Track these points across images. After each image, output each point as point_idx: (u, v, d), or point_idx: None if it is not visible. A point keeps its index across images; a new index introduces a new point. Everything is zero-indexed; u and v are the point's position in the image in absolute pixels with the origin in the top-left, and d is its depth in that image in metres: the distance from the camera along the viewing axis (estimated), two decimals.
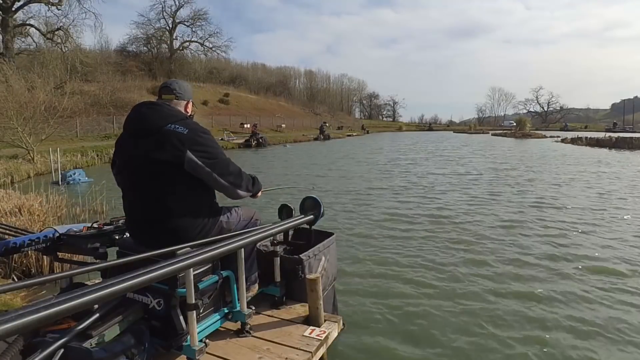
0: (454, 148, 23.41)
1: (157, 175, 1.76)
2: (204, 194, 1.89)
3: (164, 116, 1.80)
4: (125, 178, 1.91)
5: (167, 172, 1.76)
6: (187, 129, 1.78)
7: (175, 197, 1.78)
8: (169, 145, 1.73)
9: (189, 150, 1.74)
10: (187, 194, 1.81)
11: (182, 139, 1.75)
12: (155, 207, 1.80)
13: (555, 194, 8.28)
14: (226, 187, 1.89)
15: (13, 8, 27.97)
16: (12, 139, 13.10)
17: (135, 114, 1.86)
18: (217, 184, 1.86)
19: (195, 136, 1.78)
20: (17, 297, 2.95)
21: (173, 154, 1.73)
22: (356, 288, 3.65)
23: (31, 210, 4.83)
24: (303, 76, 67.09)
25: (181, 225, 1.80)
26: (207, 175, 1.80)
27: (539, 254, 4.54)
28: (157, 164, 1.74)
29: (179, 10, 45.98)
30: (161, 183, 1.77)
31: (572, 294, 3.50)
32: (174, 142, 1.73)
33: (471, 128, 60.15)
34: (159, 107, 1.86)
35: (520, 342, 2.77)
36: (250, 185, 2.01)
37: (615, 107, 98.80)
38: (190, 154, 1.74)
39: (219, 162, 1.84)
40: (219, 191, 1.92)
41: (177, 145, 1.73)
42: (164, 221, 1.79)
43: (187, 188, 1.80)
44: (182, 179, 1.78)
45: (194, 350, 1.68)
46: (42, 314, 1.01)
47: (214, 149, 1.84)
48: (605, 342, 2.78)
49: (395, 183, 10.05)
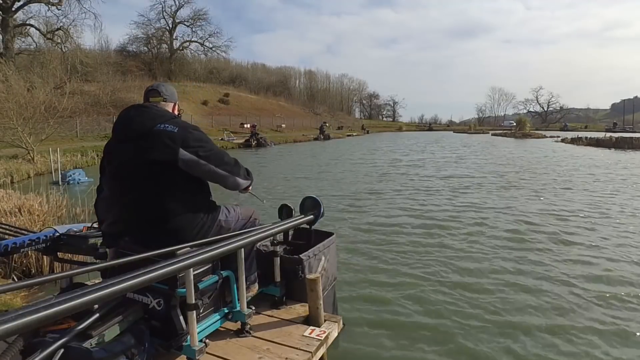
0: (454, 149, 23.37)
1: (152, 176, 1.75)
2: (200, 193, 1.89)
3: (152, 117, 1.80)
4: (118, 183, 1.86)
5: (161, 172, 1.74)
6: (177, 127, 1.77)
7: (173, 198, 1.77)
8: (161, 145, 1.72)
9: (181, 148, 1.73)
10: (183, 194, 1.80)
11: (173, 137, 1.74)
12: (153, 208, 1.78)
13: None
14: (225, 176, 1.88)
15: (13, 8, 28.00)
16: (12, 139, 13.11)
17: (124, 118, 1.85)
18: (216, 175, 1.85)
19: (186, 133, 1.77)
20: (17, 297, 2.95)
21: (166, 153, 1.72)
22: (356, 288, 3.65)
23: (31, 210, 4.83)
24: (303, 76, 67.18)
25: (180, 225, 1.79)
26: (203, 168, 1.79)
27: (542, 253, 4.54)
28: (150, 164, 1.73)
29: (179, 10, 46.17)
30: (157, 184, 1.75)
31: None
32: (165, 141, 1.72)
33: (471, 128, 60.14)
34: (147, 108, 1.85)
35: (522, 342, 2.77)
36: (246, 174, 2.02)
37: (615, 107, 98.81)
38: (183, 151, 1.73)
39: (213, 153, 1.83)
40: (218, 183, 1.91)
41: (169, 144, 1.72)
42: (162, 222, 1.78)
43: (183, 187, 1.79)
44: (177, 179, 1.77)
45: (194, 350, 1.68)
46: (42, 314, 1.01)
47: (207, 143, 1.83)
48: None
49: (396, 185, 10.05)
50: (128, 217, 1.86)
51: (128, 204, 1.84)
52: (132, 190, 1.80)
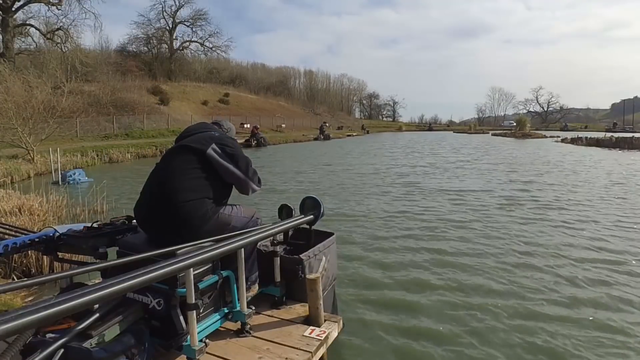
0: (454, 150, 23.34)
1: (181, 155, 2.05)
2: (217, 188, 2.06)
3: (206, 127, 2.25)
4: (156, 167, 2.13)
5: (190, 155, 2.03)
6: (219, 134, 2.17)
7: (190, 175, 1.99)
8: (202, 140, 2.08)
9: (214, 144, 2.06)
10: (201, 175, 2.01)
11: (212, 137, 2.11)
12: (171, 179, 1.98)
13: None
14: (241, 178, 2.11)
15: (13, 8, 27.97)
16: (12, 139, 13.11)
17: (187, 127, 2.29)
18: (234, 175, 2.08)
19: (223, 137, 2.15)
20: (17, 297, 2.95)
21: (200, 144, 2.05)
22: (356, 288, 3.64)
23: (31, 210, 4.83)
24: (303, 76, 67.07)
25: (187, 202, 1.92)
26: (224, 165, 2.05)
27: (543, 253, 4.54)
28: (185, 149, 2.06)
29: (179, 10, 46.04)
30: (183, 161, 2.02)
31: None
32: (204, 138, 2.09)
33: (471, 128, 60.08)
34: (207, 124, 2.33)
35: (523, 343, 2.77)
36: (258, 183, 2.22)
37: (615, 107, 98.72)
38: (214, 146, 2.05)
39: (237, 156, 2.10)
40: (233, 183, 2.13)
41: (206, 141, 2.07)
42: (174, 193, 1.93)
43: (203, 170, 2.02)
44: (201, 164, 2.02)
45: (194, 350, 1.68)
46: (42, 314, 1.01)
47: (235, 148, 2.14)
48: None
49: (396, 185, 10.05)
50: (149, 190, 2.07)
51: (153, 179, 2.08)
52: (162, 167, 2.07)
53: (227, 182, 2.12)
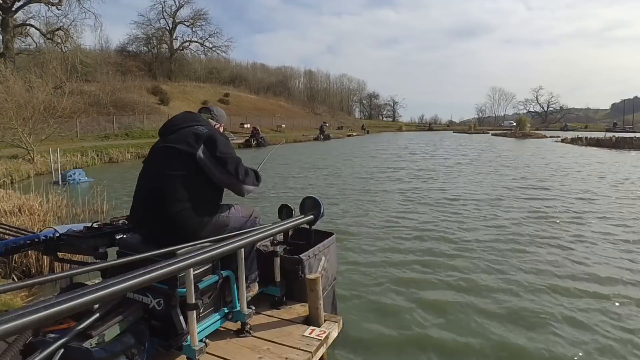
0: (455, 151, 23.32)
1: (171, 159, 1.93)
2: (211, 191, 2.00)
3: (192, 119, 2.06)
4: (144, 168, 2.04)
5: (181, 161, 1.92)
6: (207, 130, 2.00)
7: (182, 180, 1.90)
8: (187, 139, 1.94)
9: (203, 145, 1.93)
10: (194, 184, 1.93)
11: (200, 136, 1.96)
12: (163, 189, 1.89)
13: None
14: (233, 182, 2.00)
15: (13, 8, 27.99)
16: (12, 139, 13.11)
17: (169, 119, 2.12)
18: (225, 178, 1.97)
19: (212, 136, 1.98)
20: (17, 297, 2.95)
21: (189, 146, 1.92)
22: (356, 288, 3.64)
23: (31, 210, 4.83)
24: (303, 76, 67.11)
25: (182, 210, 1.87)
26: (215, 168, 1.94)
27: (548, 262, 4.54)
28: (173, 151, 1.94)
29: (179, 10, 46.09)
30: (173, 166, 1.92)
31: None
32: (191, 137, 1.95)
33: (471, 128, 60.06)
34: (192, 114, 2.14)
35: (523, 343, 2.77)
36: (254, 180, 2.12)
37: (615, 107, 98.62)
38: (204, 148, 1.93)
39: (229, 158, 1.97)
40: (227, 186, 2.04)
41: (193, 139, 1.94)
42: (167, 201, 1.87)
43: (195, 179, 1.93)
44: (192, 168, 1.92)
45: (194, 350, 1.68)
46: (42, 314, 1.01)
47: (227, 148, 2.00)
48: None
49: (397, 185, 10.05)
50: (141, 196, 1.99)
51: (144, 185, 2.00)
52: (150, 170, 1.99)
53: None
